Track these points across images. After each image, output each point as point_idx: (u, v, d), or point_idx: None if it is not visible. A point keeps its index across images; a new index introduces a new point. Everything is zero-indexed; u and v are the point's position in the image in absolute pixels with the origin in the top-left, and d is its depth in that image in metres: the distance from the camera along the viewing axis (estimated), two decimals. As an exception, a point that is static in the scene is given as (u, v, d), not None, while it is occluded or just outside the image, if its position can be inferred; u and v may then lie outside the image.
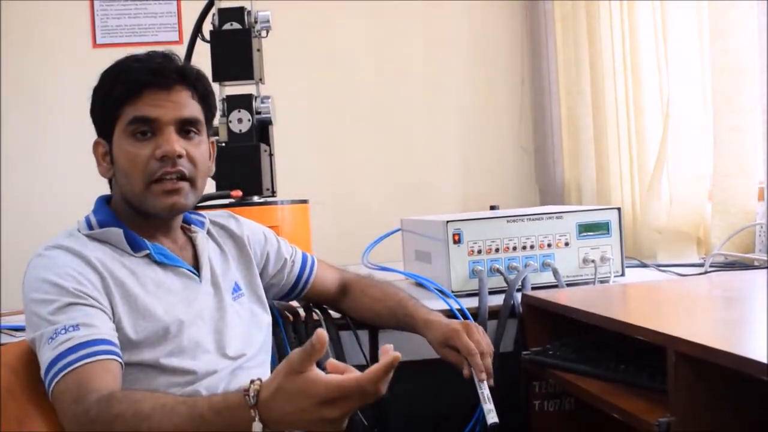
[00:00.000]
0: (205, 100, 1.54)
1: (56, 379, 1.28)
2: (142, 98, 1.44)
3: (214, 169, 1.62)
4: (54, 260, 1.40)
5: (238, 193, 2.26)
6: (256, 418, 1.12)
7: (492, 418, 1.56)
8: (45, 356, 1.31)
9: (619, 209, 2.18)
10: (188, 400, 1.20)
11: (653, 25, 2.84)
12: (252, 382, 1.14)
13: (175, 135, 1.46)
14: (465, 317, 1.91)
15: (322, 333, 1.09)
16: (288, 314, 1.88)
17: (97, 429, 1.20)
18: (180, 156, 1.45)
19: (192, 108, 1.49)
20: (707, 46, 2.55)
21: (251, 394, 1.13)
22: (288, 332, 1.84)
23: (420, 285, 2.19)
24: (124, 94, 1.45)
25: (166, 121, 1.45)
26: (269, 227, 2.06)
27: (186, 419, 1.17)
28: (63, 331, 1.31)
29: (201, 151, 1.50)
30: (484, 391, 1.61)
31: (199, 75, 1.53)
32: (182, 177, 1.46)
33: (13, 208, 3.62)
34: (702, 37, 2.60)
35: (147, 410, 1.20)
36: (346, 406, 1.10)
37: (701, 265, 2.36)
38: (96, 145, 1.52)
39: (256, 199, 2.35)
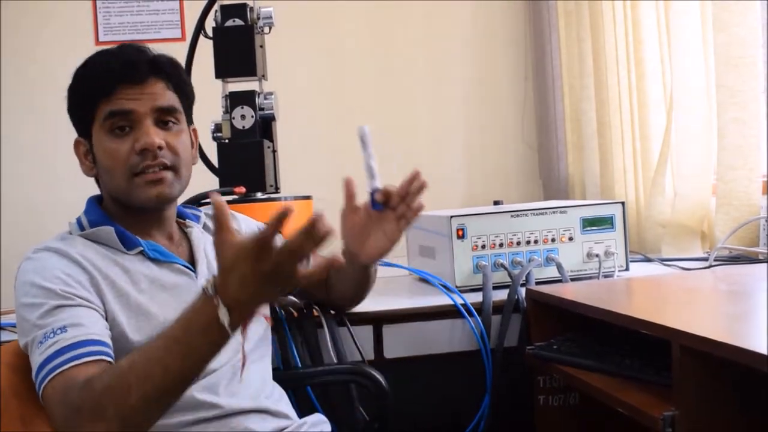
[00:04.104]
0: (181, 88, 1.52)
1: (44, 384, 1.26)
2: (115, 93, 1.43)
3: (198, 157, 1.61)
4: (42, 263, 1.39)
5: (242, 189, 2.26)
6: (220, 304, 1.13)
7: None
8: (34, 360, 1.29)
9: (623, 203, 2.17)
10: (159, 333, 1.21)
11: (656, 19, 2.83)
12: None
13: (154, 127, 1.45)
14: (469, 312, 1.91)
15: (214, 196, 1.15)
16: (292, 310, 1.88)
17: (86, 418, 1.18)
18: (160, 147, 1.44)
19: (168, 97, 1.48)
20: (710, 39, 2.54)
21: (208, 286, 1.15)
22: (292, 329, 1.84)
23: (424, 280, 2.19)
24: (98, 90, 1.44)
25: (143, 112, 1.44)
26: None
27: (163, 349, 1.18)
28: (51, 335, 1.29)
29: (181, 140, 1.49)
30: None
31: (172, 63, 1.51)
32: (165, 167, 1.45)
33: (14, 206, 3.62)
34: (705, 30, 2.59)
35: (126, 365, 1.20)
36: (274, 256, 1.10)
37: (705, 259, 2.36)
38: (77, 144, 1.52)
39: (259, 195, 2.35)
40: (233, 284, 1.13)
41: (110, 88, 1.44)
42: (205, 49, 2.40)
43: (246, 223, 1.73)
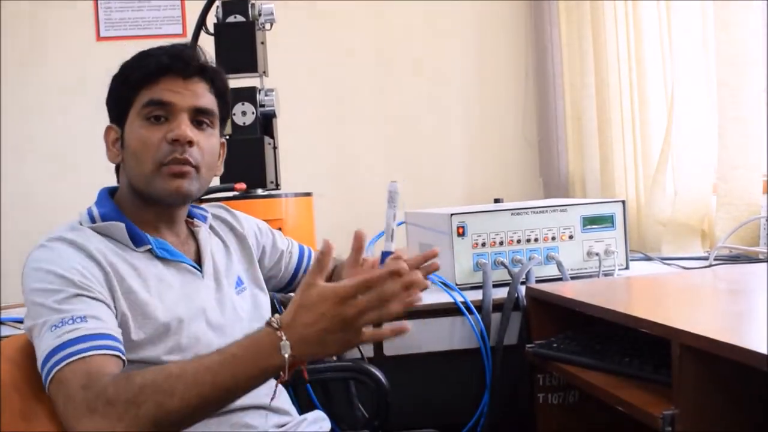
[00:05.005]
0: (222, 96, 1.54)
1: (59, 366, 1.24)
2: (159, 83, 1.45)
3: (222, 169, 1.61)
4: (57, 252, 1.38)
5: (242, 186, 2.26)
6: (283, 338, 1.17)
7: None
8: (46, 343, 1.28)
9: (623, 202, 2.18)
10: (214, 351, 1.24)
11: (657, 17, 2.83)
12: (272, 315, 1.22)
13: (189, 123, 1.46)
14: (469, 310, 1.91)
15: (327, 242, 1.18)
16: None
17: (118, 409, 1.17)
18: (191, 143, 1.45)
19: (208, 99, 1.49)
20: (712, 38, 2.54)
21: (275, 320, 1.19)
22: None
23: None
24: (143, 77, 1.45)
25: (181, 107, 1.45)
26: (273, 220, 2.05)
27: (218, 365, 1.20)
28: (70, 321, 1.28)
29: (211, 143, 1.50)
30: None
31: (218, 71, 1.54)
32: (189, 163, 1.45)
33: (14, 200, 3.61)
34: (706, 29, 2.59)
35: (176, 369, 1.21)
36: (362, 302, 1.16)
37: (706, 258, 2.36)
38: (108, 130, 1.52)
39: (260, 192, 2.35)
40: (302, 322, 1.18)
41: (156, 76, 1.45)
42: (207, 45, 2.40)
43: (247, 222, 1.72)
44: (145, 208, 1.50)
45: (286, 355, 1.17)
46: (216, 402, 1.22)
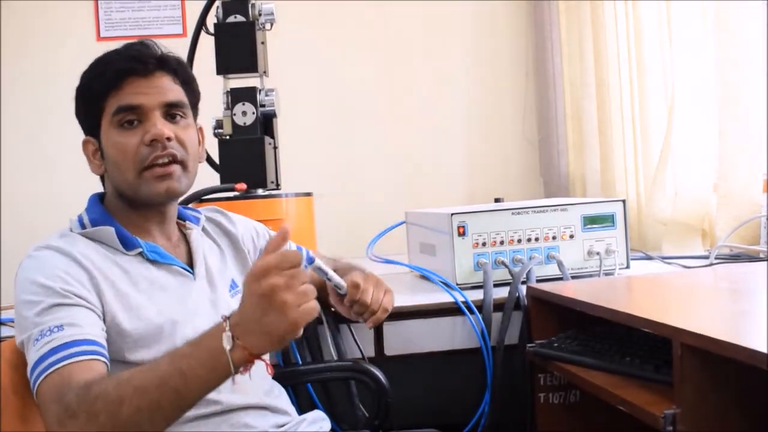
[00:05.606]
0: (188, 83, 1.53)
1: (38, 381, 1.25)
2: (124, 88, 1.44)
3: (204, 155, 1.62)
4: (43, 261, 1.39)
5: (243, 186, 2.26)
6: (227, 328, 1.13)
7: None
8: (29, 358, 1.29)
9: (624, 201, 2.17)
10: (167, 353, 1.22)
11: (658, 17, 2.83)
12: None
13: (162, 119, 1.45)
14: (470, 310, 1.91)
15: (285, 227, 1.14)
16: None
17: (80, 422, 1.17)
18: (169, 139, 1.44)
19: (175, 92, 1.49)
20: (712, 38, 2.54)
21: (227, 314, 1.16)
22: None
23: (424, 278, 2.19)
24: (106, 85, 1.45)
25: (151, 106, 1.45)
26: (274, 220, 2.05)
27: (166, 364, 1.17)
28: (48, 333, 1.28)
29: (189, 134, 1.50)
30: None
31: (178, 61, 1.53)
32: (173, 160, 1.45)
33: (15, 203, 3.61)
34: (707, 29, 2.59)
35: (127, 375, 1.19)
36: (273, 276, 1.10)
37: (706, 257, 2.36)
38: (85, 143, 1.52)
39: (260, 192, 2.35)
40: (244, 312, 1.13)
41: (118, 81, 1.44)
42: (207, 45, 2.40)
43: (243, 224, 1.72)
44: (133, 212, 1.50)
45: (228, 348, 1.12)
46: (168, 406, 1.17)
